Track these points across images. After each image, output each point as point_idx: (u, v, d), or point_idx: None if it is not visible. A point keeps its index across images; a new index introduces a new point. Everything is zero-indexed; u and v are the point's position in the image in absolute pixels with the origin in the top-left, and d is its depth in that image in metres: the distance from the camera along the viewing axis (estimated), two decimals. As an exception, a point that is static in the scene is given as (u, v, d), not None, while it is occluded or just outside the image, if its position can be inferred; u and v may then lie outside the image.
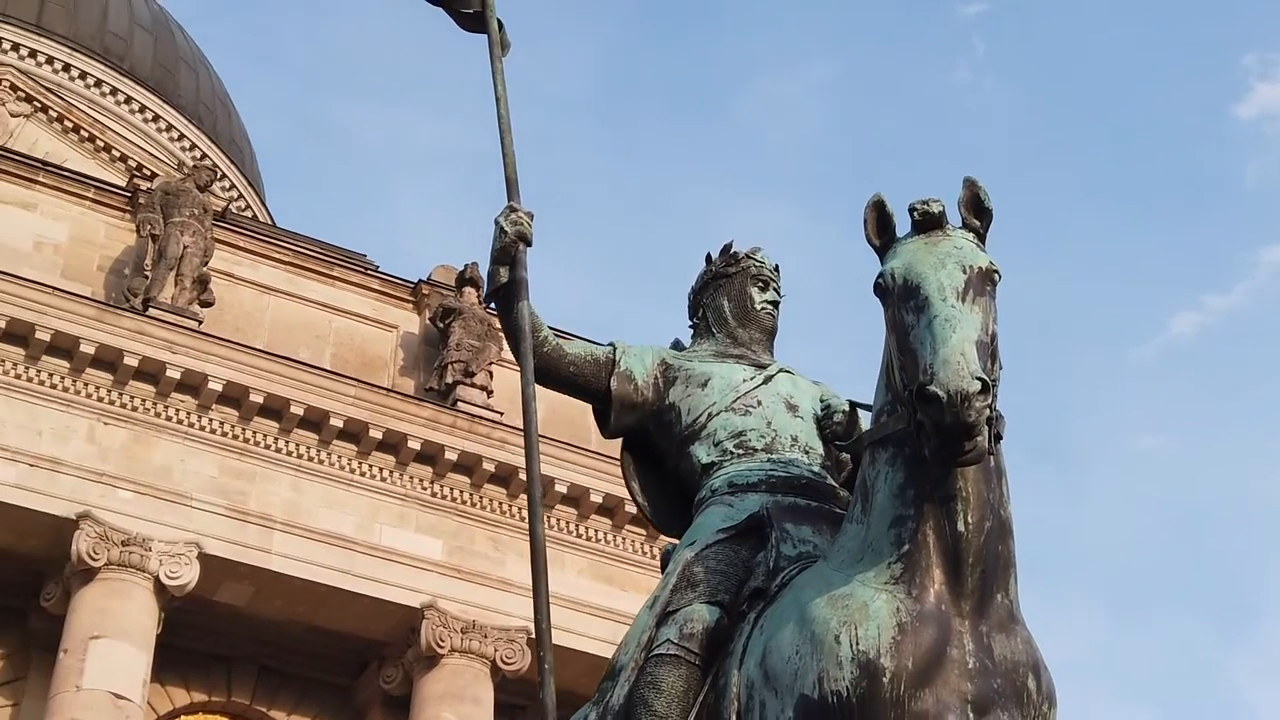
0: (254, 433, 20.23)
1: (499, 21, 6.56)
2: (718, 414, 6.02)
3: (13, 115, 29.38)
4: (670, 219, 66.27)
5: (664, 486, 6.17)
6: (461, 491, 21.31)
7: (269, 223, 32.55)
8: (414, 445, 20.86)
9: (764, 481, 5.82)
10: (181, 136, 32.51)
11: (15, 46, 30.84)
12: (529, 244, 6.08)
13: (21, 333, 19.20)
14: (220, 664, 20.68)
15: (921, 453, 4.95)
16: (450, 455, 21.10)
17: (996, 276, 5.17)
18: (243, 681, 20.82)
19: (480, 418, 21.44)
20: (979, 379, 4.77)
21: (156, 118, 32.21)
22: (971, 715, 4.91)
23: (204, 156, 32.36)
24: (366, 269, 24.49)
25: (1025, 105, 65.70)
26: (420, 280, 23.42)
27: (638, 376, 6.15)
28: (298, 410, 20.30)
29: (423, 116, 72.22)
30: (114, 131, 30.52)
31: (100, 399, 19.54)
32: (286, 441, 20.39)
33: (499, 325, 20.52)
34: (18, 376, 19.20)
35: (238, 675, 20.81)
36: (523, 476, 21.45)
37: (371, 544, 20.36)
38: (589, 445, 22.89)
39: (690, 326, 6.51)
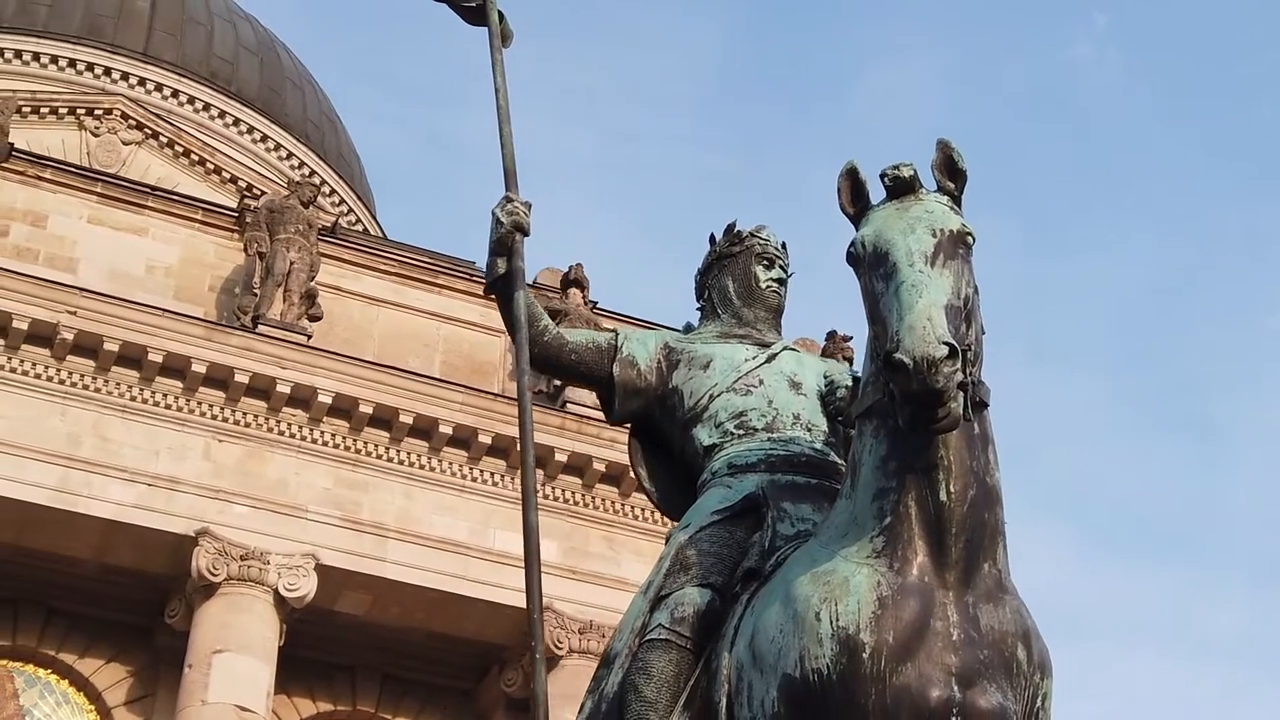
0: (365, 443, 20.44)
1: (500, 13, 6.57)
2: (719, 395, 5.94)
3: (125, 143, 30.01)
4: (793, 211, 66.09)
5: (673, 472, 6.09)
6: (573, 492, 21.37)
7: (380, 235, 32.93)
8: (524, 448, 20.90)
9: (763, 461, 5.74)
10: (290, 155, 32.96)
11: (125, 76, 31.46)
12: (526, 233, 6.06)
13: (135, 355, 19.56)
14: (344, 673, 20.96)
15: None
16: (560, 457, 21.17)
17: (970, 239, 5.05)
18: (367, 690, 21.06)
19: (588, 418, 21.46)
20: (946, 344, 4.64)
21: (264, 138, 32.70)
22: (956, 687, 4.78)
23: (313, 173, 32.77)
24: (471, 275, 24.67)
25: (1149, 75, 64.63)
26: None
27: (640, 362, 6.08)
28: (407, 419, 20.48)
29: (530, 123, 72.49)
30: (223, 154, 31.05)
31: (214, 417, 19.86)
32: (397, 450, 20.58)
33: (604, 325, 20.60)
34: (133, 398, 19.58)
35: (361, 683, 21.06)
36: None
37: (485, 548, 20.46)
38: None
39: (698, 309, 6.46)
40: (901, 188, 5.12)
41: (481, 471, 20.89)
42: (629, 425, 6.25)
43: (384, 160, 78.77)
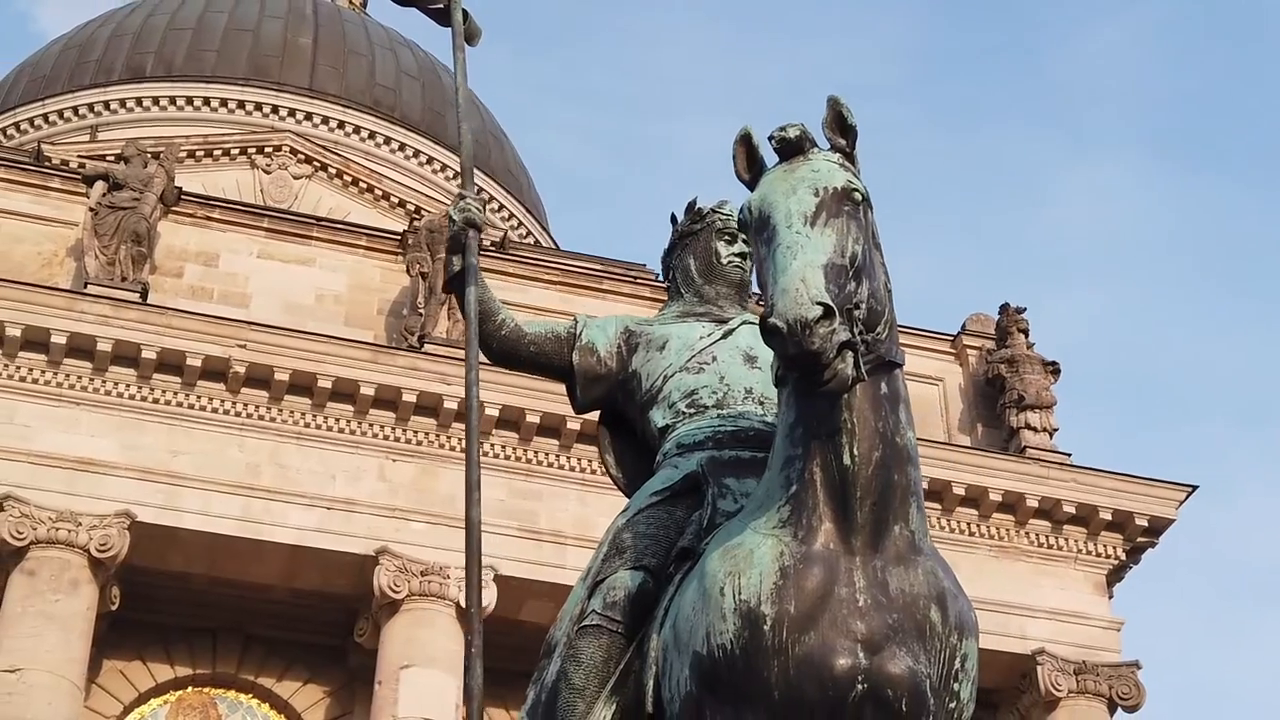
0: (535, 452, 20.64)
1: (465, 11, 6.60)
2: (672, 375, 5.87)
3: (295, 178, 30.77)
4: (1000, 184, 65.21)
5: (639, 457, 6.01)
6: (747, 487, 21.29)
7: (552, 246, 33.25)
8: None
9: (710, 439, 5.64)
10: (456, 175, 33.41)
11: (292, 112, 32.27)
12: (479, 229, 6.11)
13: (305, 383, 20.03)
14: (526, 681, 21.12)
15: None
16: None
17: (857, 195, 4.91)
18: (557, 696, 21.21)
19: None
20: (820, 304, 4.51)
21: (430, 160, 33.24)
22: (862, 654, 4.68)
23: (480, 191, 33.26)
24: (638, 278, 24.75)
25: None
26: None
27: (600, 348, 6.03)
28: (575, 425, 20.61)
29: (698, 124, 72.56)
30: (391, 179, 31.65)
31: (386, 437, 20.24)
32: (568, 458, 20.74)
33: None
34: (307, 425, 20.06)
35: (552, 690, 21.21)
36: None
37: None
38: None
39: (666, 290, 6.38)
40: (790, 149, 5.02)
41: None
42: (598, 413, 6.21)
43: (560, 170, 79.54)
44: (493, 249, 24.75)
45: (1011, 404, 23.60)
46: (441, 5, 6.68)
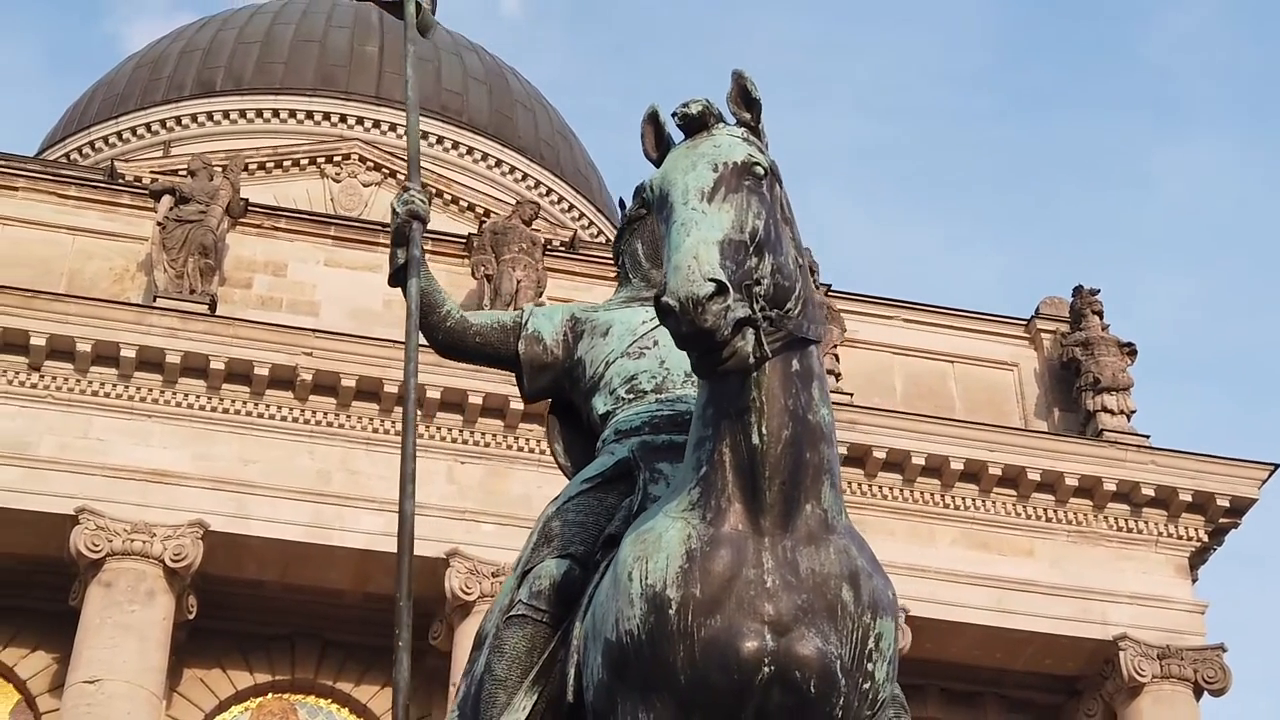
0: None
1: (417, 4, 6.59)
2: (614, 361, 5.80)
3: (365, 185, 30.97)
4: (1093, 167, 64.53)
5: (588, 446, 5.92)
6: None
7: (623, 244, 33.19)
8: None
9: (647, 424, 5.56)
10: (525, 176, 33.53)
11: (360, 120, 32.47)
12: (423, 220, 6.07)
13: (371, 389, 20.15)
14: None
15: None
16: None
17: (759, 169, 4.78)
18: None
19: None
20: (713, 280, 4.40)
21: (499, 163, 33.33)
22: (769, 636, 4.57)
23: (549, 192, 33.32)
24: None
25: None
26: (756, 275, 23.36)
27: (546, 336, 5.97)
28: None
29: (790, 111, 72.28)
30: (459, 183, 31.76)
31: (453, 440, 20.30)
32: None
33: (836, 307, 20.36)
34: (375, 430, 20.16)
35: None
36: (878, 455, 21.22)
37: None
38: (951, 415, 22.49)
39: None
40: (693, 125, 4.92)
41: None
42: (549, 402, 6.15)
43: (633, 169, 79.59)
44: (562, 249, 24.76)
45: (1087, 387, 23.29)
46: None
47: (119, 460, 19.47)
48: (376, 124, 32.32)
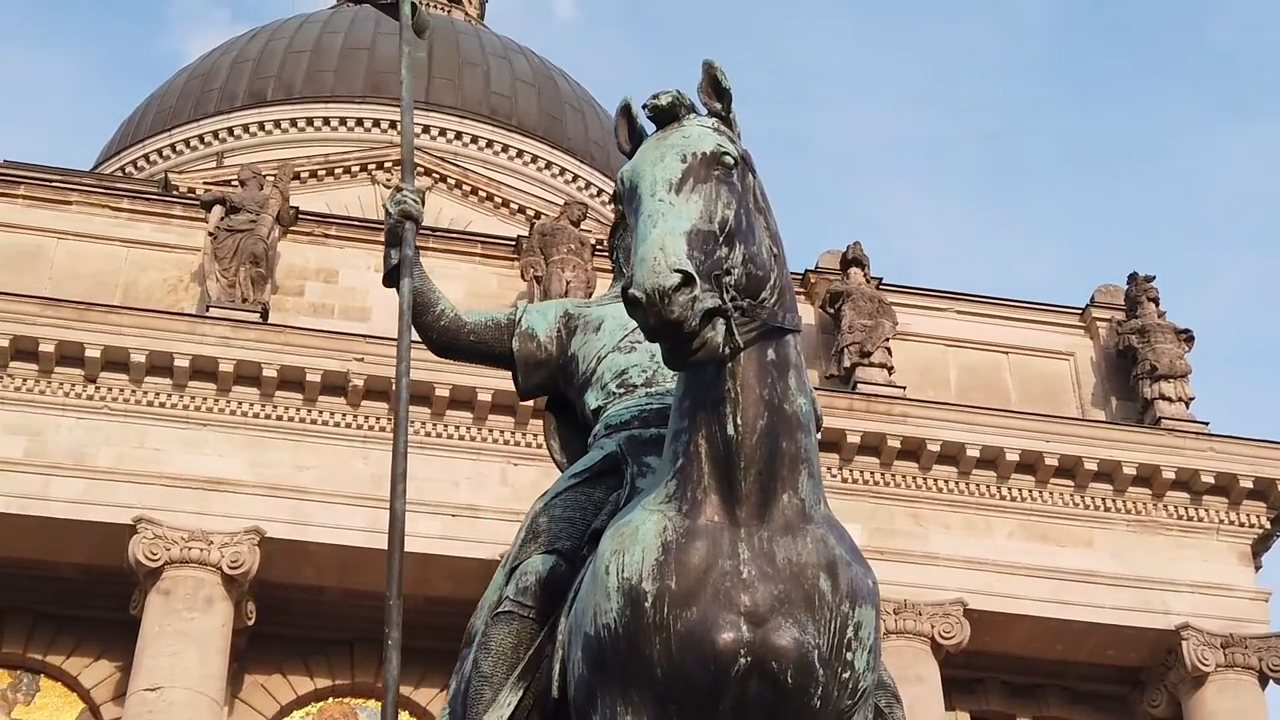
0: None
1: (413, 5, 6.59)
2: (605, 355, 5.79)
3: (415, 190, 31.09)
4: (1147, 153, 64.00)
5: (583, 442, 5.91)
6: (872, 472, 21.08)
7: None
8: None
9: (636, 418, 5.55)
10: (575, 177, 33.59)
11: (409, 126, 32.58)
12: (416, 221, 6.06)
13: (423, 392, 20.17)
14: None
15: None
16: (853, 438, 20.90)
17: (728, 159, 4.75)
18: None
19: (876, 395, 21.16)
20: (679, 271, 4.36)
21: (548, 164, 33.41)
22: (746, 627, 4.55)
23: (600, 192, 33.33)
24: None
25: None
26: (807, 270, 23.29)
27: (540, 333, 5.97)
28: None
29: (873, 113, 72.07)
30: (510, 186, 31.87)
31: (506, 442, 20.35)
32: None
33: (888, 300, 20.24)
34: (428, 434, 20.23)
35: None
36: (932, 448, 21.11)
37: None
38: (1006, 406, 22.33)
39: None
40: (663, 117, 4.91)
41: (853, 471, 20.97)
42: (546, 399, 6.14)
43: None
44: (597, 250, 24.78)
45: (1144, 375, 23.06)
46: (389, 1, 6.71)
47: (175, 469, 19.63)
48: (426, 129, 32.50)
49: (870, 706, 4.88)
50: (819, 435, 5.01)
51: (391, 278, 6.10)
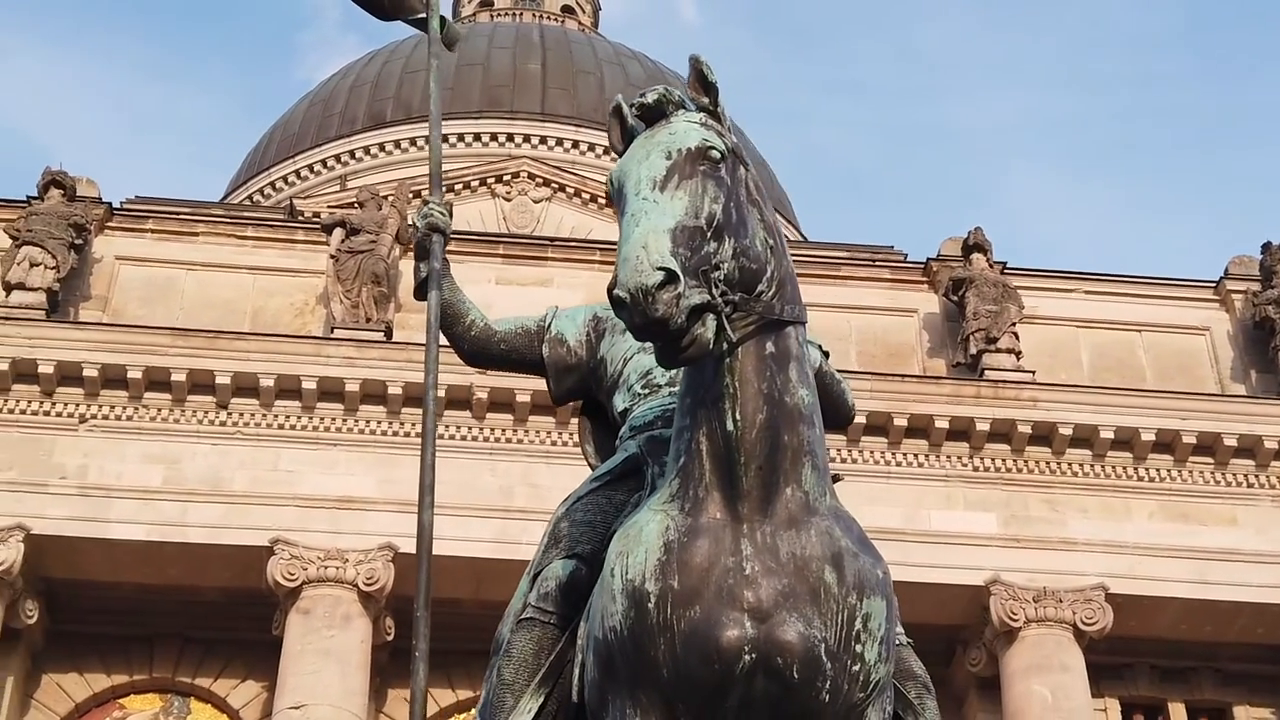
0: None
1: (442, 19, 6.59)
2: (631, 357, 5.73)
3: (535, 201, 31.30)
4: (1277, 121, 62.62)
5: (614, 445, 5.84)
6: (1004, 460, 20.79)
7: (798, 238, 33.04)
8: (942, 424, 20.56)
9: (659, 419, 5.46)
10: (693, 179, 33.52)
11: (526, 138, 32.86)
12: (444, 234, 6.04)
13: (546, 403, 20.19)
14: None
15: None
16: (983, 426, 20.64)
17: (715, 153, 4.67)
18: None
19: (1004, 381, 20.85)
20: (662, 269, 4.28)
21: (664, 169, 33.39)
22: (750, 624, 4.46)
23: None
24: (874, 259, 24.40)
25: None
26: (929, 259, 23.04)
27: (569, 338, 5.93)
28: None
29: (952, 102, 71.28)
30: (627, 192, 31.91)
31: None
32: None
33: (1012, 284, 19.92)
34: (552, 444, 20.42)
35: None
36: (1064, 431, 20.76)
37: (923, 531, 20.17)
38: (1142, 385, 21.92)
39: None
40: (650, 115, 4.88)
41: (904, 455, 20.63)
42: (582, 403, 6.08)
43: (837, 164, 79.19)
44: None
45: (1284, 345, 22.49)
46: (422, 15, 6.72)
47: (308, 490, 19.93)
48: (543, 140, 32.68)
49: (888, 699, 4.78)
50: (850, 424, 4.91)
51: (421, 290, 6.11)
